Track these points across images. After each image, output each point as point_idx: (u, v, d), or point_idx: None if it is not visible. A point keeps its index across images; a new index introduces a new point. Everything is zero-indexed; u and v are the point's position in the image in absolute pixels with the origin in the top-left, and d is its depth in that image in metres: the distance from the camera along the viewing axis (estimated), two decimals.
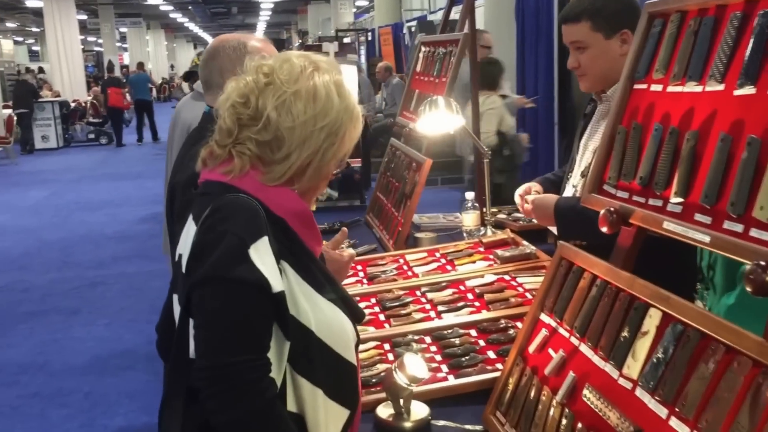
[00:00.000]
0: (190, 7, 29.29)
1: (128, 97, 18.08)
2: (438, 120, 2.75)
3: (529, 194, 2.40)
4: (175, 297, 1.42)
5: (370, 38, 16.95)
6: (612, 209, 1.41)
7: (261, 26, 38.73)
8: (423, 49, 3.55)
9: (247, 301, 1.23)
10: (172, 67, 24.48)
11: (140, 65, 20.12)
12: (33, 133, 16.54)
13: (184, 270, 1.34)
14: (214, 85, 2.12)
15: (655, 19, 1.50)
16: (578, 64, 2.19)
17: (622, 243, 1.41)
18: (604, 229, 1.42)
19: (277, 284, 1.25)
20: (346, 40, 14.93)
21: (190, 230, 1.37)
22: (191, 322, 1.30)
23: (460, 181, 9.67)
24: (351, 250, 1.83)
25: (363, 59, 15.29)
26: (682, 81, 1.35)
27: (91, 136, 18.08)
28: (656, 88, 1.43)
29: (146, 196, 10.40)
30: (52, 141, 16.75)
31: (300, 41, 22.27)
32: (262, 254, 1.25)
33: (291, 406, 1.30)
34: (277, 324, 1.27)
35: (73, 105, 18.42)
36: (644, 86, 1.48)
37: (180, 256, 1.40)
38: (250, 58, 1.39)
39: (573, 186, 2.36)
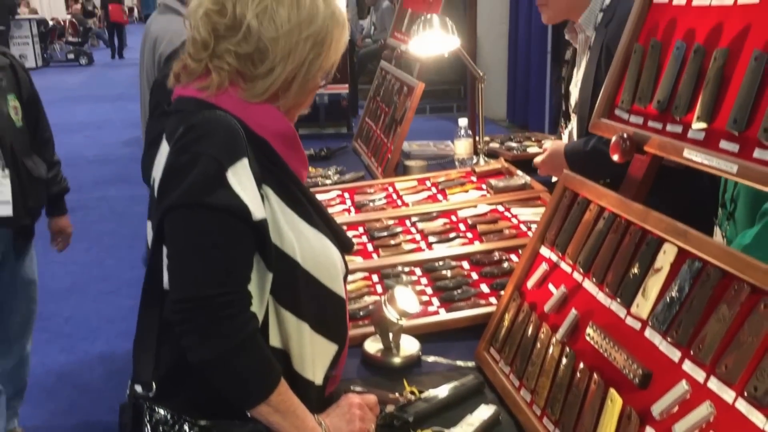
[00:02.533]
0: None
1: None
2: (432, 41, 2.59)
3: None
4: (149, 224, 1.30)
5: None
6: (625, 135, 1.29)
7: None
8: None
9: (224, 229, 1.12)
10: None
11: None
12: (10, 51, 16.03)
13: (156, 195, 1.22)
14: None
15: None
16: None
17: (634, 173, 1.30)
18: (615, 157, 1.31)
19: (258, 211, 1.14)
20: None
21: (163, 151, 1.24)
22: (164, 251, 1.19)
23: (449, 110, 9.50)
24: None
25: None
26: None
27: (71, 56, 17.55)
28: (679, 2, 1.30)
29: (128, 119, 10.12)
30: (30, 60, 16.23)
31: None
32: (241, 178, 1.13)
33: (274, 341, 1.21)
34: (258, 254, 1.16)
35: (51, 23, 17.82)
36: (665, 0, 1.34)
37: (154, 179, 1.28)
38: None
39: (569, 132, 2.27)
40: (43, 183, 2.62)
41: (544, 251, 1.48)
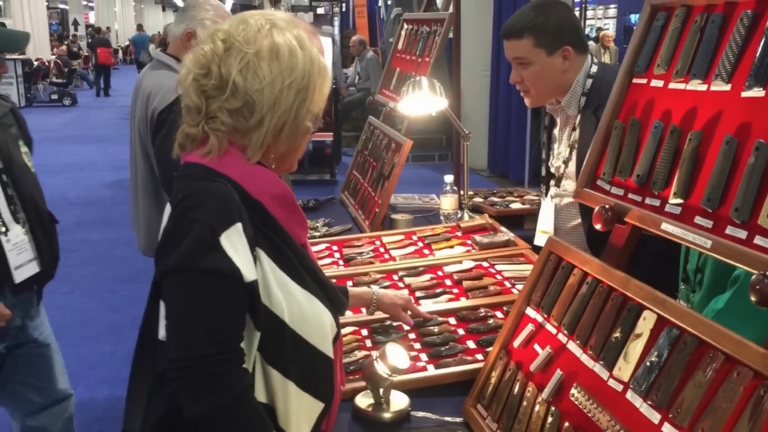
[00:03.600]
0: None
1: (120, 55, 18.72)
2: (421, 101, 2.69)
3: None
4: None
5: (344, 9, 16.70)
6: (607, 206, 1.38)
7: None
8: (405, 26, 3.47)
9: (217, 291, 1.19)
10: (139, 27, 24.11)
11: (140, 27, 20.96)
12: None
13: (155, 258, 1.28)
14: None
15: (658, 12, 1.46)
16: (521, 79, 2.20)
17: (615, 241, 1.38)
18: (598, 227, 1.39)
19: (249, 273, 1.20)
20: (320, 11, 14.71)
21: (167, 214, 1.31)
22: (160, 307, 1.25)
23: (431, 159, 9.66)
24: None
25: (336, 31, 15.08)
26: (685, 78, 1.32)
27: (54, 96, 17.61)
28: (657, 83, 1.40)
29: (110, 161, 10.16)
30: (14, 100, 16.24)
31: (272, 6, 21.81)
32: (234, 242, 1.20)
33: (260, 396, 1.26)
34: (248, 313, 1.23)
35: (36, 64, 17.90)
36: (644, 81, 1.45)
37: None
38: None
39: (551, 196, 2.36)
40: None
41: (530, 312, 1.56)
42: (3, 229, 2.23)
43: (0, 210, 2.24)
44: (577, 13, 9.19)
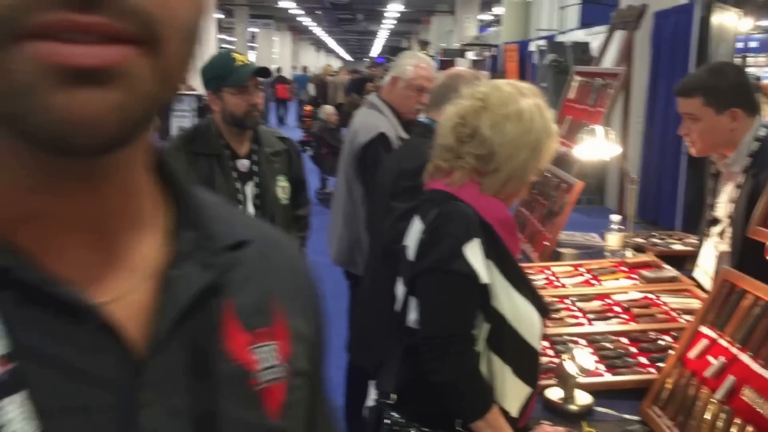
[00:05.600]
0: (319, 12, 30.41)
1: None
2: (594, 147, 3.01)
3: None
4: (400, 279, 1.77)
5: (494, 54, 17.14)
6: None
7: (383, 34, 39.59)
8: (577, 78, 3.81)
9: (460, 288, 1.57)
10: (304, 69, 26.19)
11: (304, 69, 23.37)
12: (170, 123, 17.82)
13: (411, 258, 1.69)
14: (444, 103, 2.47)
15: None
16: (688, 131, 2.39)
17: None
18: None
19: (484, 277, 1.58)
20: (469, 55, 15.22)
21: (416, 227, 1.72)
22: (413, 301, 1.66)
23: (579, 202, 9.77)
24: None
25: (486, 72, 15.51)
26: None
27: None
28: None
29: None
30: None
31: (420, 51, 22.61)
32: (474, 252, 1.58)
33: (483, 374, 1.62)
34: (480, 309, 1.60)
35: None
36: None
37: (406, 246, 1.76)
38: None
39: (714, 244, 2.54)
40: None
41: (704, 329, 1.83)
42: None
43: None
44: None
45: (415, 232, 1.72)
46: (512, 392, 1.65)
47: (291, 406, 0.59)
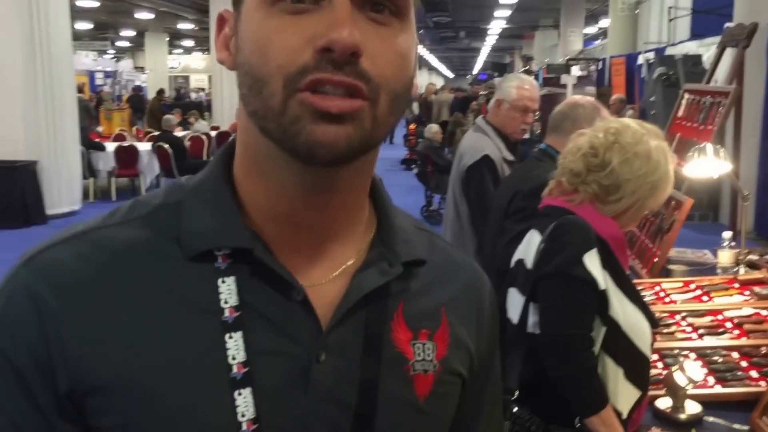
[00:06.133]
0: (421, 31, 30.85)
1: None
2: (706, 165, 3.05)
3: None
4: (512, 290, 1.93)
5: (600, 67, 16.88)
6: None
7: (485, 50, 39.61)
8: (686, 96, 3.83)
9: (580, 292, 1.71)
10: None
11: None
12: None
13: (529, 267, 1.84)
14: (562, 130, 2.62)
15: None
16: None
17: None
18: None
19: (602, 283, 1.72)
20: (574, 70, 15.04)
21: (532, 239, 1.88)
22: (532, 306, 1.81)
23: (690, 218, 9.52)
24: None
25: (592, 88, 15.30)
26: None
27: None
28: None
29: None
30: None
31: (524, 67, 22.54)
32: (592, 260, 1.72)
33: None
34: (598, 313, 1.73)
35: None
36: None
37: (520, 260, 1.91)
38: (600, 119, 1.87)
39: None
40: None
41: None
42: None
43: None
44: None
45: (533, 243, 1.88)
46: (623, 394, 1.76)
47: (437, 395, 0.75)
